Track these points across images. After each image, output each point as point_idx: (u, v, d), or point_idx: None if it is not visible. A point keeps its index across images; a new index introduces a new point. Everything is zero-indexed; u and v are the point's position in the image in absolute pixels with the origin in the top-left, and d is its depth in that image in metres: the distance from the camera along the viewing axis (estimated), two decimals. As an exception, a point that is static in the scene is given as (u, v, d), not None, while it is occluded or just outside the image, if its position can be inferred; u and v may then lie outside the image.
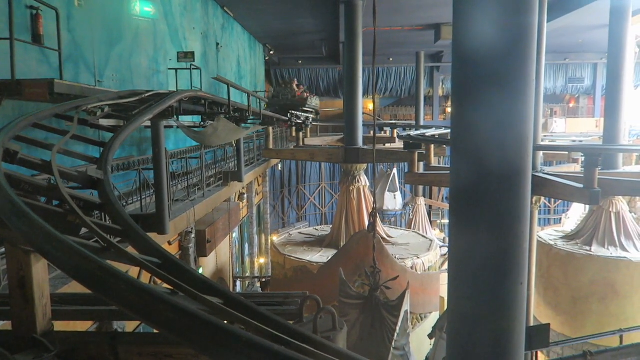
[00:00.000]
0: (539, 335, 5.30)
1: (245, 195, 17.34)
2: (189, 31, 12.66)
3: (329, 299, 6.74)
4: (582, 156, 12.09)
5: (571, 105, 32.28)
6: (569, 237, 12.37)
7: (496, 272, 3.38)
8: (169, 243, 9.59)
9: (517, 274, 3.42)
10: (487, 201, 3.34)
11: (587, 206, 13.65)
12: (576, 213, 19.22)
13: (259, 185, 21.03)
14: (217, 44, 15.45)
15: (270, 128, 14.03)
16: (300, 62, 29.35)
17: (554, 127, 27.22)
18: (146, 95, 5.47)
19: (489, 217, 3.33)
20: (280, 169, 28.07)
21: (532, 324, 9.58)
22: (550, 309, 11.76)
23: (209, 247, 11.26)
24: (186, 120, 9.99)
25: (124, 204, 6.54)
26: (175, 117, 6.26)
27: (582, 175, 8.60)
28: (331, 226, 14.17)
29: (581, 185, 8.42)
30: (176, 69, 10.77)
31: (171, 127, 9.60)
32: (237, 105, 8.73)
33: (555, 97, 31.55)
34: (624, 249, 11.19)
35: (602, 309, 10.69)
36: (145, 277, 2.64)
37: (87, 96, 5.09)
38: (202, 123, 8.57)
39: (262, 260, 20.88)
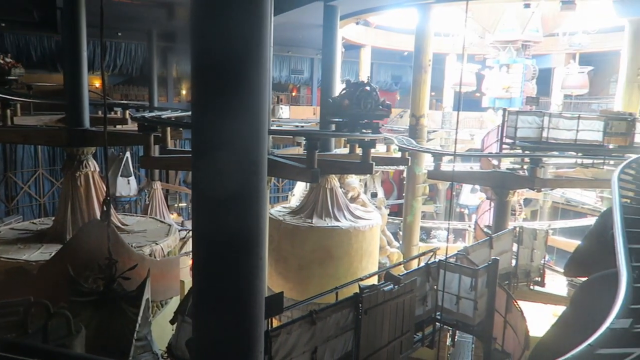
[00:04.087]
0: (274, 304, 5.83)
1: None
2: None
3: (57, 301, 5.96)
4: (304, 140, 13.67)
5: (294, 94, 36.07)
6: (294, 212, 13.89)
7: (239, 250, 3.57)
8: None
9: (258, 250, 3.69)
10: (229, 182, 3.48)
11: (308, 184, 15.59)
12: (299, 190, 21.72)
13: (-51, 174, 16.87)
14: None
15: (-35, 103, 11.37)
16: (3, 25, 24.49)
17: (280, 113, 29.93)
18: None
19: (232, 198, 3.48)
20: (-20, 153, 23.11)
21: (266, 294, 10.47)
22: (281, 278, 13.06)
23: None
24: None
25: None
26: None
27: (305, 157, 9.76)
28: (54, 218, 12.48)
29: (304, 166, 9.55)
30: None
31: None
32: None
33: (281, 85, 34.71)
34: (336, 219, 13.21)
35: (322, 272, 12.43)
36: None
37: None
38: None
39: (-42, 266, 16.93)
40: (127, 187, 21.11)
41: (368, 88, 11.33)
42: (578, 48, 27.94)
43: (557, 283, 17.76)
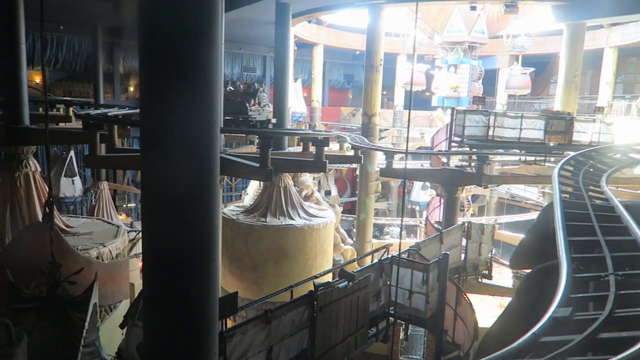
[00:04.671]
0: (228, 304, 5.75)
1: None
2: None
3: (-5, 308, 5.64)
4: (257, 138, 13.55)
5: (246, 92, 35.68)
6: (248, 212, 13.75)
7: (192, 251, 3.49)
8: None
9: (211, 251, 3.62)
10: (181, 185, 3.39)
11: (262, 182, 15.47)
12: (253, 189, 21.55)
13: None
14: None
15: None
16: None
17: (232, 111, 29.50)
18: None
19: (184, 199, 3.39)
20: None
21: (220, 294, 10.30)
22: (235, 278, 12.92)
23: None
24: None
25: None
26: None
27: (258, 156, 9.69)
28: (-9, 221, 11.78)
29: (257, 165, 9.48)
30: None
31: None
32: None
33: (232, 83, 34.25)
34: (291, 217, 13.19)
35: (276, 271, 12.38)
36: None
37: None
38: None
39: None
40: (71, 187, 20.23)
41: (262, 89, 13.81)
42: (521, 50, 29.20)
43: (503, 275, 18.52)
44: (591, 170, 9.45)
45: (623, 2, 17.05)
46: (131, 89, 32.06)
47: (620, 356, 3.20)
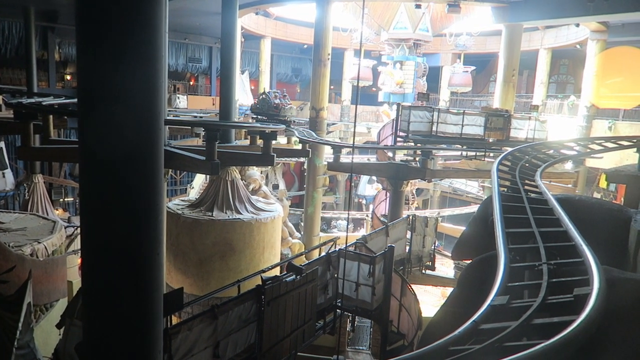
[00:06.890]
0: (173, 300, 5.62)
1: None
2: None
3: None
4: (203, 131, 13.26)
5: (192, 83, 34.82)
6: (194, 206, 13.45)
7: (134, 247, 3.37)
8: None
9: (155, 246, 3.51)
10: (122, 177, 3.26)
11: (208, 176, 15.17)
12: (198, 182, 21.12)
13: None
14: None
15: None
16: None
17: (177, 103, 28.74)
18: None
19: (125, 193, 3.27)
20: None
21: (165, 291, 10.02)
22: (180, 274, 12.62)
23: None
24: None
25: None
26: None
27: (204, 149, 9.49)
28: None
29: (204, 158, 9.29)
30: None
31: None
32: None
33: (177, 74, 33.31)
34: (238, 211, 13.02)
35: (223, 266, 12.20)
36: None
37: None
38: None
39: None
40: (1, 180, 19.06)
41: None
42: (463, 49, 30.21)
43: (446, 267, 19.20)
44: (527, 165, 9.93)
45: (557, 6, 18.01)
46: (68, 77, 30.48)
47: (552, 340, 3.39)
